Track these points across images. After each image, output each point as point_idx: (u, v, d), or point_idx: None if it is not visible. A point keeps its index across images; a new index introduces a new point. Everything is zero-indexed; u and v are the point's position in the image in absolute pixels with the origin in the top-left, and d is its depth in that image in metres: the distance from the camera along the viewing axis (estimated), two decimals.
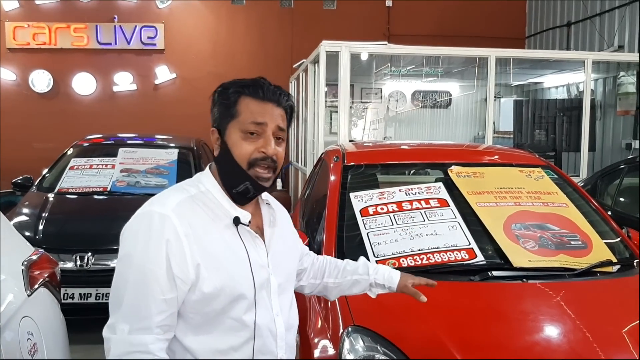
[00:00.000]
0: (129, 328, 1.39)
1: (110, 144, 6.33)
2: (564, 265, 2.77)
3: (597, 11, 8.75)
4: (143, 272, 1.40)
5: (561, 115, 7.68)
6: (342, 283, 1.96)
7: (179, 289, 1.42)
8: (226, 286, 1.46)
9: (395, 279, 1.94)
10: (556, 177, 3.48)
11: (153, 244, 1.40)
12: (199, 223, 1.47)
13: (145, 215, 1.46)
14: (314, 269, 1.96)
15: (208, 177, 1.57)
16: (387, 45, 6.50)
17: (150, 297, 1.39)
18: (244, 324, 1.49)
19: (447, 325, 2.35)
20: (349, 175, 3.46)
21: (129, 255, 1.43)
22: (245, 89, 1.53)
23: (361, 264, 1.99)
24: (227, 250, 1.49)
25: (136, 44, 10.26)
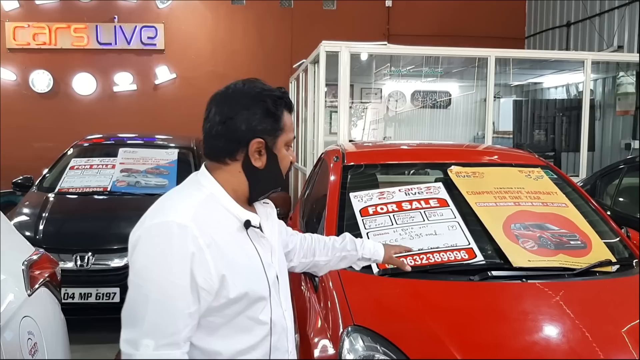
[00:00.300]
0: (155, 344, 1.35)
1: (111, 144, 6.34)
2: (564, 265, 2.77)
3: (597, 11, 8.75)
4: (166, 286, 1.37)
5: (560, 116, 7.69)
6: (331, 260, 2.07)
7: (203, 299, 1.40)
8: (250, 290, 1.47)
9: (381, 253, 2.12)
10: (555, 177, 3.48)
11: (176, 258, 1.37)
12: (216, 230, 1.45)
13: (163, 226, 1.40)
14: (304, 249, 2.01)
15: (209, 180, 1.55)
16: (387, 46, 6.50)
17: (177, 313, 1.37)
18: (261, 322, 1.51)
19: (447, 325, 2.35)
20: (349, 175, 3.47)
21: (147, 269, 1.38)
22: (284, 101, 1.58)
23: (348, 240, 2.10)
24: (243, 255, 1.50)
25: (136, 44, 10.27)
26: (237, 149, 1.52)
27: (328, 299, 2.57)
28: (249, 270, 1.49)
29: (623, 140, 7.93)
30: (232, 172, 1.54)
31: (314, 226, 3.44)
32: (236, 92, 1.54)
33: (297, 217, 4.31)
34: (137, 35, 10.25)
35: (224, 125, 1.51)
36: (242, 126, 1.50)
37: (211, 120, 1.53)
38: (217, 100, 1.55)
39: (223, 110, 1.51)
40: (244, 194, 1.57)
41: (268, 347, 1.52)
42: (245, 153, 1.52)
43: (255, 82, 1.57)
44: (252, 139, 1.51)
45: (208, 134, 1.54)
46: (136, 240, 1.42)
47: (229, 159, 1.53)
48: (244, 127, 1.50)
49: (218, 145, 1.53)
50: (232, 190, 1.54)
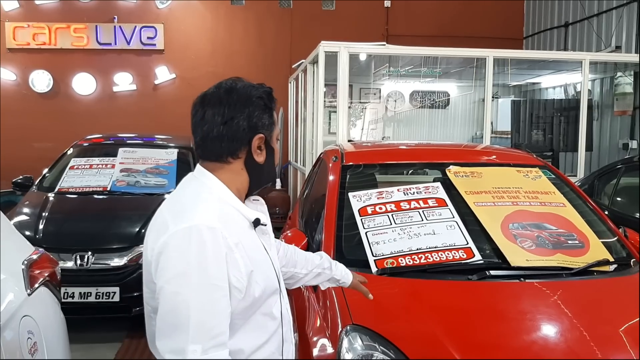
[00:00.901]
0: (202, 348, 1.35)
1: (110, 143, 6.35)
2: (562, 265, 2.78)
3: (595, 12, 8.77)
4: (208, 289, 1.37)
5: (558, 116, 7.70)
6: (309, 274, 2.08)
7: (234, 298, 1.42)
8: (267, 287, 1.53)
9: (350, 277, 2.16)
10: (553, 177, 3.50)
11: (212, 260, 1.38)
12: (238, 230, 1.49)
13: (193, 230, 1.40)
14: (287, 258, 2.02)
15: (213, 181, 1.56)
16: (386, 46, 6.52)
17: (221, 313, 1.39)
18: (274, 316, 1.58)
19: (445, 324, 2.36)
20: (348, 175, 3.48)
21: (184, 275, 1.37)
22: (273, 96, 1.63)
23: (325, 259, 2.13)
24: (258, 252, 1.55)
25: (136, 44, 10.28)
26: (240, 147, 1.55)
27: (327, 299, 2.58)
28: (265, 267, 1.55)
29: (621, 141, 7.95)
30: (235, 171, 1.57)
31: (313, 226, 3.45)
32: (232, 92, 1.55)
33: (296, 216, 4.32)
34: (136, 36, 10.26)
35: (226, 126, 1.52)
36: (244, 124, 1.53)
37: (210, 121, 1.52)
38: (211, 102, 1.54)
39: (222, 111, 1.52)
40: (244, 192, 1.61)
41: (280, 340, 1.60)
42: (247, 150, 1.56)
43: (242, 80, 1.60)
44: (255, 135, 1.55)
45: (207, 136, 1.54)
46: (162, 247, 1.42)
47: (231, 158, 1.55)
48: (246, 124, 1.53)
49: (220, 146, 1.54)
50: (236, 189, 1.57)
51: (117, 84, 10.38)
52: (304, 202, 4.42)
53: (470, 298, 2.59)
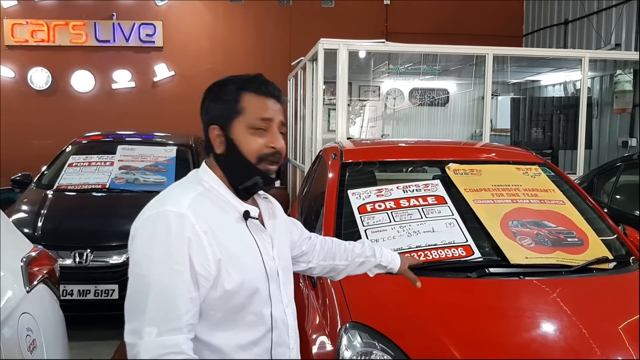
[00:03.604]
0: (157, 330, 1.36)
1: (109, 141, 6.34)
2: (561, 262, 2.78)
3: (594, 9, 8.76)
4: (168, 272, 1.39)
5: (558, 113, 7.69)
6: (350, 265, 2.05)
7: (201, 286, 1.42)
8: (245, 281, 1.48)
9: (397, 262, 2.09)
10: (553, 174, 3.49)
11: (175, 244, 1.40)
12: (213, 219, 1.48)
13: (161, 215, 1.43)
14: (324, 251, 2.01)
15: (209, 174, 1.57)
16: (385, 43, 6.50)
17: (178, 297, 1.38)
18: (263, 317, 1.53)
19: (445, 322, 2.37)
20: (347, 173, 3.47)
21: (148, 258, 1.40)
22: (248, 85, 1.55)
23: (367, 246, 2.08)
24: (241, 245, 1.52)
25: (135, 42, 10.27)
26: (207, 140, 1.58)
27: (326, 296, 2.58)
28: (246, 260, 1.51)
29: (620, 138, 7.95)
30: (215, 165, 1.59)
31: (312, 223, 3.45)
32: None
33: (295, 214, 4.31)
34: (135, 33, 10.24)
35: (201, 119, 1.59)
36: (205, 116, 1.58)
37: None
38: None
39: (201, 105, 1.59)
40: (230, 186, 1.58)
41: (269, 343, 1.54)
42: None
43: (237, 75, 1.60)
44: (209, 127, 1.56)
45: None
46: (134, 232, 1.46)
47: (210, 152, 1.59)
48: (205, 116, 1.58)
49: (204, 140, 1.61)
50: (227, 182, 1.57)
51: (115, 81, 10.36)
52: (303, 200, 4.42)
53: (469, 295, 2.59)
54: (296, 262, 1.95)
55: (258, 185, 1.56)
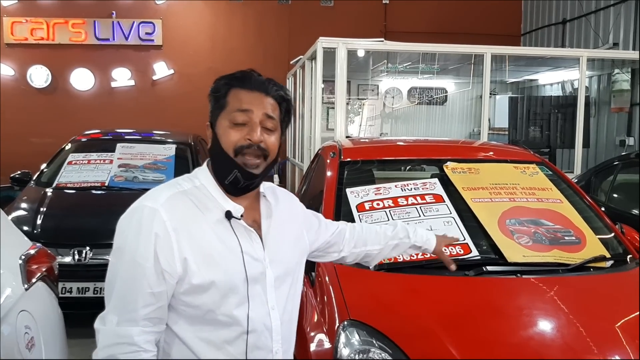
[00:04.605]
0: (117, 320, 1.42)
1: (108, 139, 6.33)
2: (558, 261, 2.79)
3: (592, 9, 8.78)
4: (132, 265, 1.43)
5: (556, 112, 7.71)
6: (384, 249, 2.04)
7: (167, 282, 1.44)
8: (218, 280, 1.46)
9: (433, 242, 2.08)
10: (550, 173, 3.50)
11: (142, 238, 1.43)
12: (189, 217, 1.48)
13: (137, 209, 1.48)
14: (355, 239, 1.99)
15: (204, 172, 1.58)
16: (384, 42, 6.51)
17: (137, 290, 1.42)
18: (235, 319, 1.49)
19: (443, 320, 2.37)
20: (346, 171, 3.47)
21: (120, 249, 1.46)
22: (235, 80, 1.55)
23: (400, 227, 2.07)
24: (218, 244, 1.49)
25: (134, 40, 10.27)
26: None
27: (324, 294, 2.58)
28: (221, 260, 1.48)
29: (618, 137, 7.97)
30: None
31: None
32: None
33: None
34: (135, 31, 10.25)
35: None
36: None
37: None
38: None
39: None
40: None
41: (244, 345, 1.51)
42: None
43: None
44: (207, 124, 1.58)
45: None
46: (118, 223, 1.50)
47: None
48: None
49: None
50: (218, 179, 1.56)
51: (115, 80, 10.37)
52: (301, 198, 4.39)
53: (467, 294, 2.59)
54: (326, 253, 1.96)
55: (239, 180, 1.52)
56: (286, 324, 1.61)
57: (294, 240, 1.72)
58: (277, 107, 1.57)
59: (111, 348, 1.41)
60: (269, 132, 1.54)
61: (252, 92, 1.54)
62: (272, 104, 1.56)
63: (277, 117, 1.57)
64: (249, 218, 1.57)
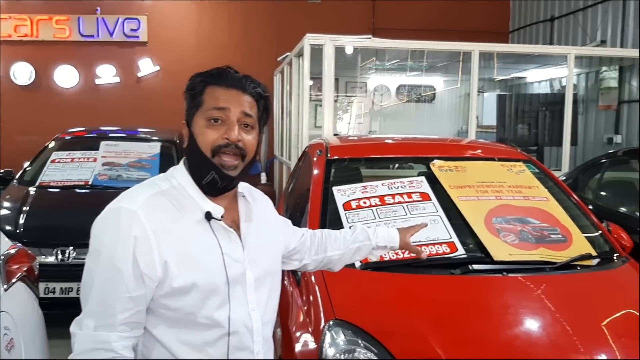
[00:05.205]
0: (95, 324, 1.38)
1: (92, 137, 6.27)
2: (544, 259, 2.79)
3: (581, 6, 8.81)
4: (109, 269, 1.38)
5: (544, 110, 7.74)
6: (345, 253, 1.99)
7: (147, 286, 1.40)
8: (199, 282, 1.44)
9: (396, 238, 2.00)
10: (537, 171, 3.50)
11: (120, 241, 1.39)
12: (168, 219, 1.45)
13: (114, 211, 1.44)
14: (315, 245, 1.96)
15: (181, 172, 1.54)
16: (371, 39, 6.48)
17: (115, 295, 1.38)
18: (216, 321, 1.47)
19: (428, 319, 2.36)
20: (332, 169, 3.45)
21: (96, 252, 1.41)
22: (211, 78, 1.52)
23: (359, 230, 2.02)
24: (198, 246, 1.47)
25: (119, 36, 10.19)
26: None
27: (310, 293, 2.56)
28: (202, 261, 1.46)
29: (605, 135, 8.01)
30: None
31: (297, 220, 3.43)
32: None
33: (280, 211, 4.29)
34: (119, 27, 10.16)
35: None
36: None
37: None
38: None
39: None
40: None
41: (225, 347, 1.48)
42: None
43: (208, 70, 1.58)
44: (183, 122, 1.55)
45: None
46: (93, 225, 1.46)
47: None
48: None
49: None
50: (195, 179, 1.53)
51: (99, 77, 10.28)
52: (288, 197, 4.40)
53: (453, 292, 2.59)
54: (290, 260, 1.91)
55: (217, 181, 1.49)
56: (267, 325, 1.60)
57: (272, 241, 1.70)
58: (254, 105, 1.54)
59: (88, 354, 1.38)
60: (247, 131, 1.51)
61: (229, 89, 1.50)
62: (250, 102, 1.53)
63: (254, 114, 1.53)
64: (227, 218, 1.55)
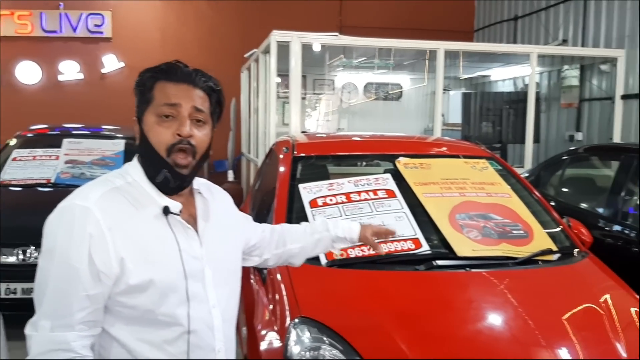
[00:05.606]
0: (51, 325, 1.35)
1: (55, 134, 6.13)
2: (506, 254, 2.84)
3: (543, 6, 8.96)
4: (65, 268, 1.35)
5: (507, 108, 7.86)
6: (305, 246, 1.97)
7: (104, 284, 1.37)
8: (156, 278, 1.41)
9: (356, 231, 1.98)
10: (500, 168, 3.56)
11: (75, 239, 1.36)
12: (124, 215, 1.42)
13: (67, 209, 1.40)
14: (274, 240, 1.94)
15: (135, 168, 1.52)
16: (338, 37, 6.49)
17: (71, 294, 1.35)
18: (176, 318, 1.44)
19: (393, 315, 2.38)
20: (299, 167, 3.45)
21: (50, 251, 1.37)
22: (160, 73, 1.50)
23: (319, 222, 2.01)
24: (156, 242, 1.44)
25: (82, 32, 9.99)
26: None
27: (276, 292, 2.56)
28: (159, 257, 1.44)
29: (567, 132, 8.17)
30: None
31: (263, 218, 3.42)
32: None
33: (247, 209, 4.28)
34: (83, 23, 9.97)
35: None
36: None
37: None
38: None
39: None
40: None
41: (186, 345, 1.46)
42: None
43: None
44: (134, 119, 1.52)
45: None
46: (45, 224, 1.42)
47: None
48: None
49: None
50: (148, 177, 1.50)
51: (62, 73, 10.06)
52: (255, 194, 4.38)
53: (417, 289, 2.62)
54: (249, 257, 1.90)
55: (169, 180, 1.47)
56: (228, 322, 1.58)
57: (231, 237, 1.68)
58: (206, 99, 1.52)
59: (47, 355, 1.35)
60: (199, 126, 1.49)
61: (179, 84, 1.48)
62: (201, 96, 1.50)
63: (207, 109, 1.51)
64: (184, 214, 1.52)
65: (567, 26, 8.34)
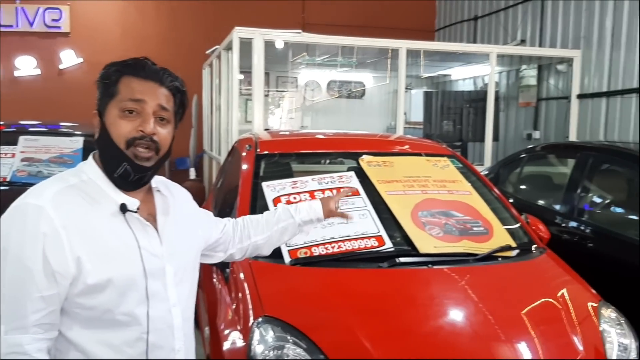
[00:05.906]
0: (4, 328, 1.31)
1: (11, 131, 5.94)
2: (467, 251, 2.88)
3: (502, 6, 9.12)
4: (18, 268, 1.32)
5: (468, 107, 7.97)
6: (271, 236, 1.96)
7: (60, 284, 1.34)
8: (114, 277, 1.39)
9: (319, 209, 2.00)
10: (461, 166, 3.61)
11: (28, 239, 1.33)
12: (79, 213, 1.39)
13: (19, 208, 1.36)
14: (238, 234, 1.93)
15: (90, 166, 1.49)
16: (301, 34, 6.48)
17: (25, 295, 1.32)
18: (136, 317, 1.42)
19: (356, 312, 2.40)
20: (262, 165, 3.44)
21: (3, 251, 1.34)
22: (127, 68, 1.48)
23: (281, 210, 2.01)
24: (113, 240, 1.42)
25: (39, 27, 9.71)
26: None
27: (239, 290, 2.54)
28: (117, 256, 1.42)
29: (525, 131, 8.33)
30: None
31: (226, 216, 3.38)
32: None
33: (209, 207, 4.24)
34: (40, 17, 9.69)
35: None
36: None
37: None
38: None
39: None
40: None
41: (145, 346, 1.44)
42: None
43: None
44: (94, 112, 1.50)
45: None
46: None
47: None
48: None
49: None
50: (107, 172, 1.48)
51: (19, 69, 9.78)
52: (217, 193, 4.34)
53: (381, 285, 2.64)
54: (213, 253, 1.89)
55: (129, 173, 1.45)
56: (188, 321, 1.57)
57: (190, 235, 1.67)
58: (171, 99, 1.51)
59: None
60: (162, 124, 1.49)
61: (146, 81, 1.47)
62: (167, 95, 1.50)
63: (171, 108, 1.51)
64: (143, 212, 1.51)
65: (526, 26, 8.50)
